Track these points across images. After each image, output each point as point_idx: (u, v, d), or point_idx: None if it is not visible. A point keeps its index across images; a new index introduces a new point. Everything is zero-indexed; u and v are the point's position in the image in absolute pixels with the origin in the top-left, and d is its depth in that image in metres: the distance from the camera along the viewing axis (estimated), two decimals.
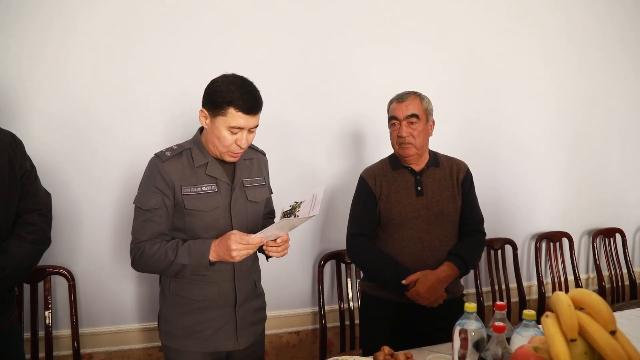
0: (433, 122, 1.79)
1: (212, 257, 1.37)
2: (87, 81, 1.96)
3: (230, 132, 1.36)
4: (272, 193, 1.68)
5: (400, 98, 1.74)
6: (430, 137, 1.79)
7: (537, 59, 2.79)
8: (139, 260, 1.40)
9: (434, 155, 1.81)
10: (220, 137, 1.37)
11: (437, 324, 1.65)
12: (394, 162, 1.80)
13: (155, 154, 1.44)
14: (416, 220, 1.71)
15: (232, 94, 1.33)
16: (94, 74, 1.97)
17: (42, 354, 1.90)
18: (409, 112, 1.70)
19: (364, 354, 1.73)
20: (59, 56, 1.92)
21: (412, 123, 1.70)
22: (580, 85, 2.92)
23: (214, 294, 1.46)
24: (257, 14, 2.19)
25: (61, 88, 1.93)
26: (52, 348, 1.92)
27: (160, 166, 1.39)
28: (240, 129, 1.37)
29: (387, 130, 1.80)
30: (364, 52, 2.39)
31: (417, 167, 1.77)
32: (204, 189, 1.43)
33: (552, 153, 2.88)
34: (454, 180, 1.77)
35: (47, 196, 1.55)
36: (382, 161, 1.86)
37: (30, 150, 1.55)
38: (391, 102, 1.77)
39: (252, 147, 1.59)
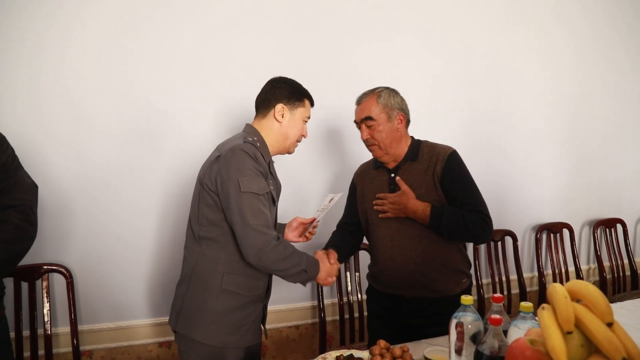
0: (402, 115, 1.66)
1: (319, 275, 1.48)
2: (81, 71, 1.95)
3: (303, 123, 1.55)
4: None
5: (358, 101, 1.70)
6: (407, 129, 1.71)
7: (536, 51, 2.76)
8: (271, 252, 1.33)
9: (414, 148, 1.69)
10: (297, 128, 1.53)
11: (432, 319, 1.63)
12: (375, 160, 1.77)
13: (245, 142, 1.40)
14: (388, 220, 1.67)
15: (304, 89, 1.55)
16: (90, 69, 1.95)
17: (41, 352, 1.90)
18: (363, 115, 1.65)
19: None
20: (57, 53, 1.90)
21: (369, 126, 1.65)
22: (579, 77, 2.91)
23: (260, 288, 1.49)
24: (257, 13, 2.17)
25: (52, 77, 1.91)
26: (52, 346, 1.92)
27: (258, 155, 1.41)
28: (308, 119, 1.57)
29: None
30: (364, 45, 2.36)
31: (391, 165, 1.71)
32: (270, 184, 1.46)
33: (552, 144, 2.86)
34: (430, 174, 1.63)
35: (31, 190, 1.42)
36: (372, 159, 1.82)
37: (15, 139, 1.52)
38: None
39: None
